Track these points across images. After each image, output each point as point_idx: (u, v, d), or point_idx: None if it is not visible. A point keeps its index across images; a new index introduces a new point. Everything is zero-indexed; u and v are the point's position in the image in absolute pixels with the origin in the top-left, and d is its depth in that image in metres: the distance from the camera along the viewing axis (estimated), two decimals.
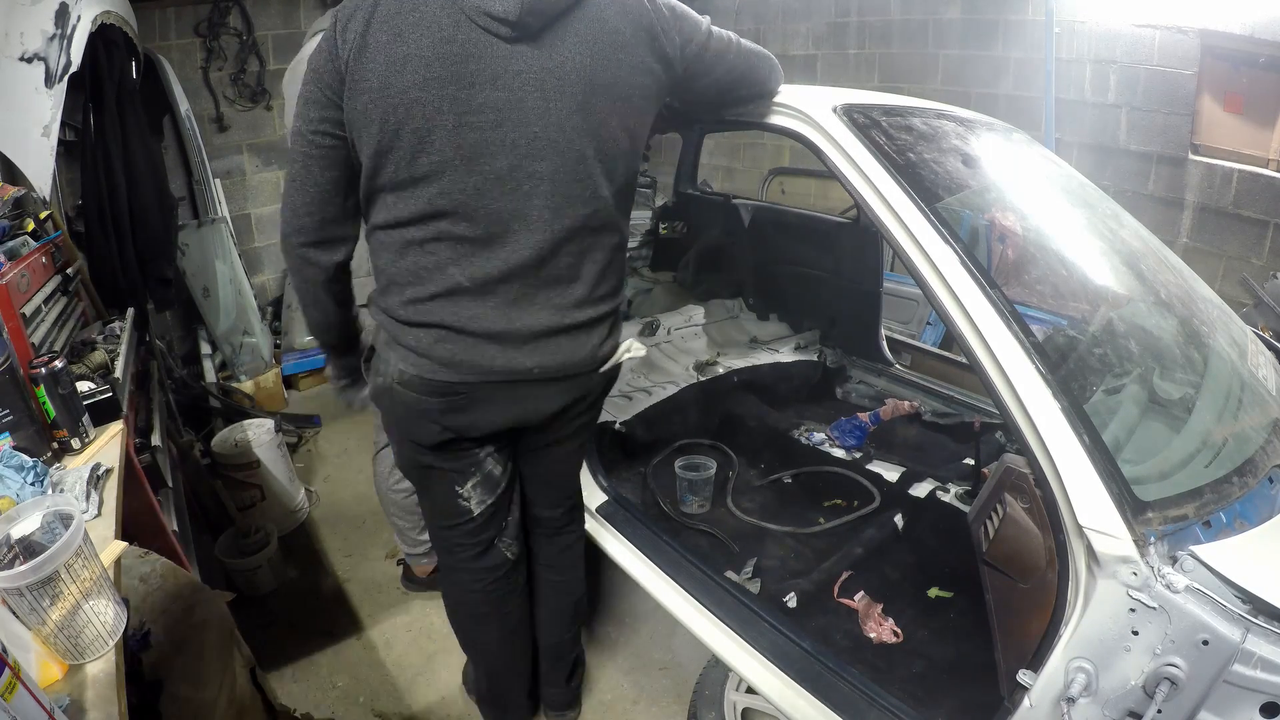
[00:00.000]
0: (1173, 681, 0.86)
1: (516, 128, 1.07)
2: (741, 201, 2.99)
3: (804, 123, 1.30)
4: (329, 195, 1.15)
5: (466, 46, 1.03)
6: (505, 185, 1.10)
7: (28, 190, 1.87)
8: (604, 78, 1.10)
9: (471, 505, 1.40)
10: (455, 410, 1.26)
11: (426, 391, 1.23)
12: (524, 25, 1.03)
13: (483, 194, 1.10)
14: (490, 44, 1.03)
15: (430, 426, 1.28)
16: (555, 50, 1.06)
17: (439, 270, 1.15)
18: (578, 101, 1.09)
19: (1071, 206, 1.59)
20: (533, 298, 1.19)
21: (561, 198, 1.14)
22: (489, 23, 1.02)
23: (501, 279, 1.16)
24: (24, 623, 0.86)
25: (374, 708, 1.87)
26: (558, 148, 1.10)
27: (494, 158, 1.09)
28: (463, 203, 1.10)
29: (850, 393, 2.68)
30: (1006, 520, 1.09)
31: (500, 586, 1.53)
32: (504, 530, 1.48)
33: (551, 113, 1.08)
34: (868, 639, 1.55)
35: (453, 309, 1.17)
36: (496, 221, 1.12)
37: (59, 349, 1.59)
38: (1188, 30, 2.90)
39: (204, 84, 3.64)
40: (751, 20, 5.00)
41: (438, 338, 1.19)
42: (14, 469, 1.17)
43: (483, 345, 1.19)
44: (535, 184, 1.11)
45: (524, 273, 1.17)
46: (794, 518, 1.98)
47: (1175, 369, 1.26)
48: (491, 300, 1.17)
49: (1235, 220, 2.96)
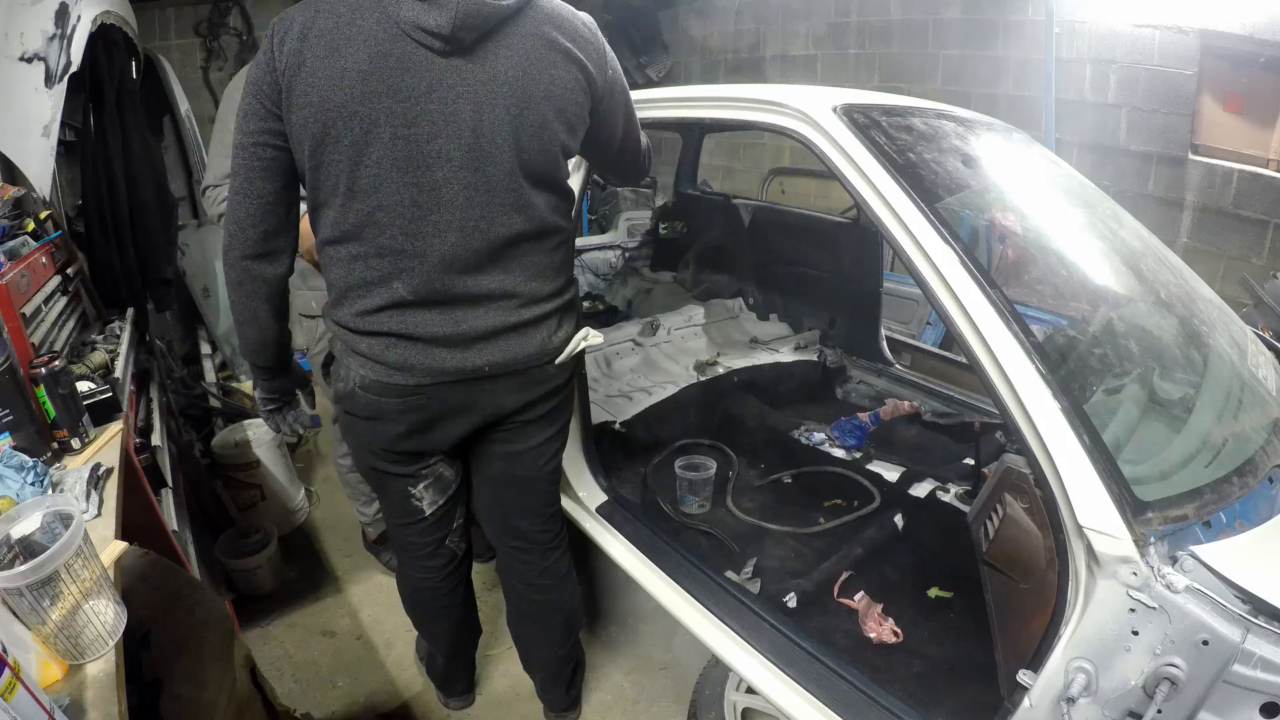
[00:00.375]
0: (1173, 681, 0.86)
1: (450, 140, 1.10)
2: (741, 201, 2.99)
3: (804, 123, 1.30)
4: (271, 206, 1.17)
5: (402, 60, 1.06)
6: (441, 195, 1.13)
7: (28, 190, 1.87)
8: (536, 91, 1.12)
9: (424, 506, 1.44)
10: (414, 410, 1.28)
11: (386, 394, 1.25)
12: (456, 39, 1.05)
13: (419, 205, 1.13)
14: (425, 57, 1.06)
15: (392, 428, 1.30)
16: (488, 63, 1.09)
17: (383, 284, 1.17)
18: (510, 113, 1.11)
19: (1071, 206, 1.59)
20: (476, 303, 1.22)
21: (496, 207, 1.16)
22: (423, 36, 1.04)
23: (443, 289, 1.18)
24: (24, 623, 0.86)
25: (374, 708, 1.87)
26: (491, 158, 1.13)
27: (429, 169, 1.11)
28: (400, 214, 1.13)
29: (850, 393, 2.68)
30: (1006, 520, 1.09)
31: (449, 581, 1.60)
32: (453, 530, 1.53)
33: (484, 124, 1.10)
34: (868, 639, 1.55)
35: (400, 319, 1.19)
36: (434, 233, 1.15)
37: (59, 349, 1.59)
38: (1188, 30, 2.90)
39: (204, 84, 3.65)
40: (751, 20, 5.00)
41: (388, 344, 1.21)
42: (14, 469, 1.17)
43: (433, 349, 1.22)
44: (470, 194, 1.14)
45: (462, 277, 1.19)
46: (794, 518, 1.98)
47: (1175, 369, 1.26)
48: (437, 309, 1.20)
49: (1235, 220, 2.96)
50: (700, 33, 5.52)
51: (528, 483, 1.50)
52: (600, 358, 2.60)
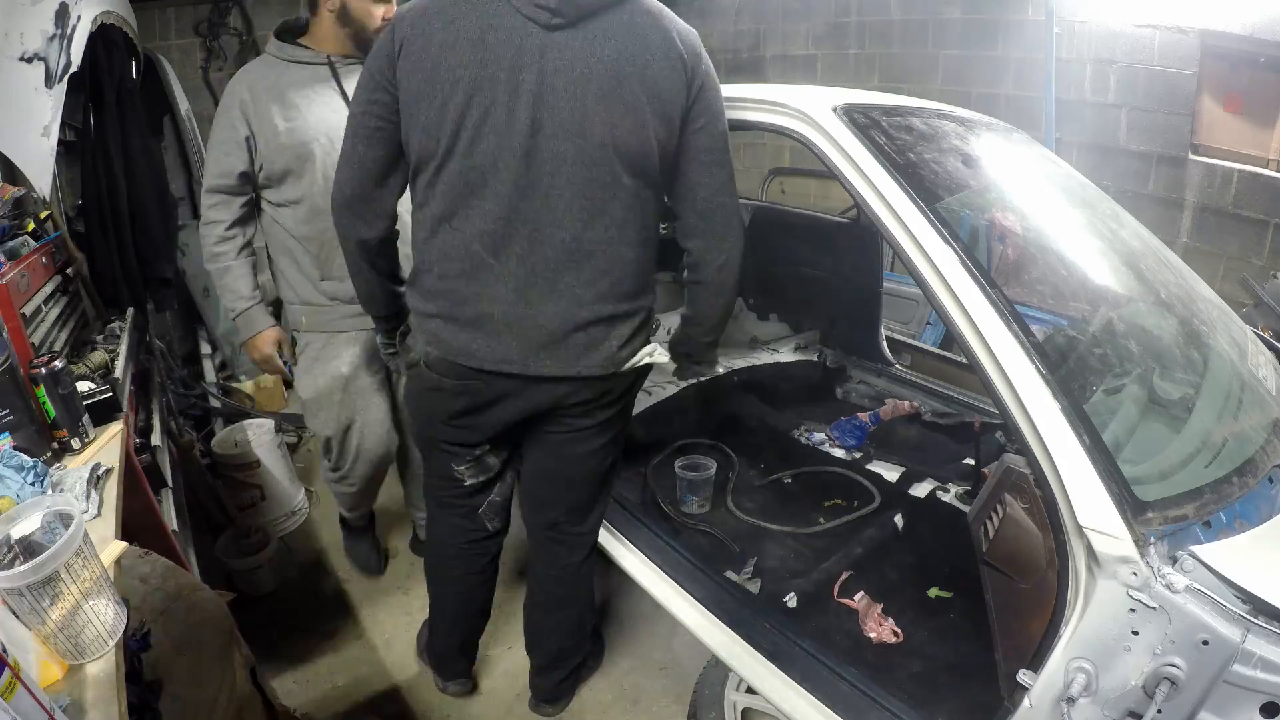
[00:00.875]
0: (1173, 681, 0.86)
1: (546, 108, 1.15)
2: (741, 201, 2.98)
3: (804, 123, 1.30)
4: (369, 171, 1.24)
5: (511, 32, 1.13)
6: (531, 160, 1.17)
7: (28, 190, 1.87)
8: (629, 71, 1.16)
9: (464, 479, 1.52)
10: (470, 394, 1.33)
11: (448, 373, 1.32)
12: (562, 13, 1.12)
13: (508, 172, 1.17)
14: (532, 30, 1.13)
15: (448, 404, 1.37)
16: (589, 41, 1.15)
17: (464, 246, 1.22)
18: (604, 89, 1.15)
19: (1071, 206, 1.59)
20: (553, 281, 1.23)
21: (583, 180, 1.19)
22: (531, 10, 1.12)
23: (521, 255, 1.21)
24: (24, 623, 0.86)
25: (374, 707, 1.87)
26: (581, 130, 1.16)
27: (523, 135, 1.15)
28: (494, 176, 1.17)
29: (850, 393, 2.68)
30: (1006, 520, 1.09)
31: (473, 549, 1.64)
32: (490, 503, 1.58)
33: (578, 97, 1.15)
34: (868, 639, 1.55)
35: (475, 288, 1.23)
36: (521, 196, 1.18)
37: (59, 349, 1.59)
38: (1188, 30, 2.90)
39: (204, 84, 3.64)
40: (751, 20, 5.00)
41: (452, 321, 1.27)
42: (14, 469, 1.17)
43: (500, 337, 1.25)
44: (558, 164, 1.17)
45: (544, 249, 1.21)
46: (794, 518, 1.98)
47: (1175, 369, 1.26)
48: (510, 282, 1.22)
49: (1235, 220, 2.96)
50: (700, 33, 5.49)
51: (570, 481, 1.53)
52: None
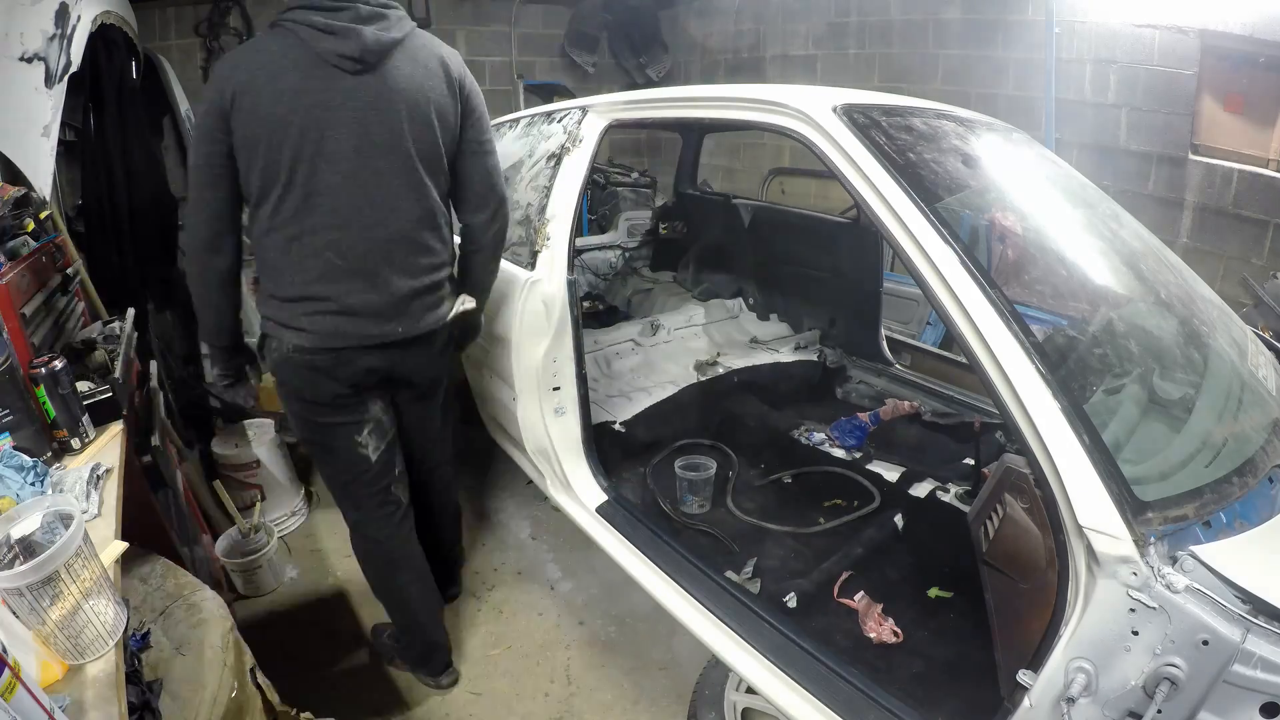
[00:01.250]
0: (1173, 681, 0.86)
1: (363, 136, 1.43)
2: (741, 201, 2.99)
3: (804, 123, 1.30)
4: (217, 211, 1.45)
5: (325, 80, 1.39)
6: (357, 179, 1.44)
7: (28, 190, 1.87)
8: (419, 97, 1.47)
9: (369, 453, 1.66)
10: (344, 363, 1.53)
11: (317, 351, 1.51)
12: (364, 61, 1.41)
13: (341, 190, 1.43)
14: (341, 77, 1.40)
15: (327, 382, 1.54)
16: (387, 79, 1.44)
17: (316, 255, 1.45)
18: (408, 114, 1.46)
19: (1071, 206, 1.59)
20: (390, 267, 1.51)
21: (399, 187, 1.49)
22: (340, 61, 1.39)
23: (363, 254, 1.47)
24: (24, 623, 0.86)
25: (374, 707, 1.87)
26: (393, 148, 1.46)
27: (348, 160, 1.42)
28: (329, 198, 1.43)
29: (850, 393, 2.68)
30: (1006, 520, 1.09)
31: (400, 529, 1.79)
32: (396, 477, 1.75)
33: (386, 123, 1.44)
34: (868, 639, 1.55)
35: (332, 287, 1.47)
36: (353, 211, 1.45)
37: (59, 349, 1.59)
38: (1188, 30, 2.90)
39: (204, 84, 3.64)
40: (751, 20, 5.01)
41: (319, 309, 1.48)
42: (14, 469, 1.17)
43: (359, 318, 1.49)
44: (379, 178, 1.46)
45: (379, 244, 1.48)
46: (794, 518, 1.98)
47: (1175, 369, 1.26)
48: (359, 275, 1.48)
49: (1235, 220, 2.96)
50: (700, 33, 5.53)
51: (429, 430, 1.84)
52: (600, 358, 2.61)
